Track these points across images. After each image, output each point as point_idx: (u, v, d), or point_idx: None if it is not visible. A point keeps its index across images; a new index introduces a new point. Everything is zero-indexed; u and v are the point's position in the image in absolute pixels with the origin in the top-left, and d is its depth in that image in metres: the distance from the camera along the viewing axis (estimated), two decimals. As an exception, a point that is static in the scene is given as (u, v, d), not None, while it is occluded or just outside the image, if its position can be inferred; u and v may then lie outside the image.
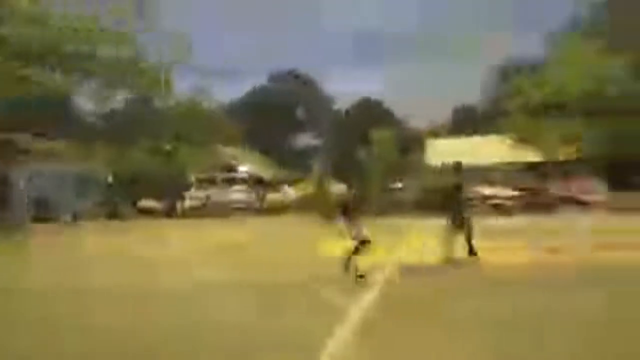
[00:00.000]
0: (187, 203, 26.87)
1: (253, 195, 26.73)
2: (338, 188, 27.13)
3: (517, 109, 27.73)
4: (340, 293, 6.58)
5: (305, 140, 52.78)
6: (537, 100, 26.47)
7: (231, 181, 28.01)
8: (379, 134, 33.73)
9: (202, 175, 28.65)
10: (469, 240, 8.97)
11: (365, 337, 4.80)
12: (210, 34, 66.17)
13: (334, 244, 12.06)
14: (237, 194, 26.86)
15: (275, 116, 48.75)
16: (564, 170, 26.24)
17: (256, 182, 28.47)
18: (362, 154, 34.42)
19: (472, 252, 8.96)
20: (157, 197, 28.03)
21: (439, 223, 9.29)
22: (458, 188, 9.29)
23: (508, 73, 33.84)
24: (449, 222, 8.94)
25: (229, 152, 36.59)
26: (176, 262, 10.18)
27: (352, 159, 35.62)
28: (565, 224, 15.44)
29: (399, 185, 27.34)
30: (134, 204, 27.56)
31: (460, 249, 8.91)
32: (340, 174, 33.16)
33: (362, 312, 5.71)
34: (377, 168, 30.18)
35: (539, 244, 10.75)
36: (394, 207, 22.83)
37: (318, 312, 5.86)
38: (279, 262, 9.87)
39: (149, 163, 29.83)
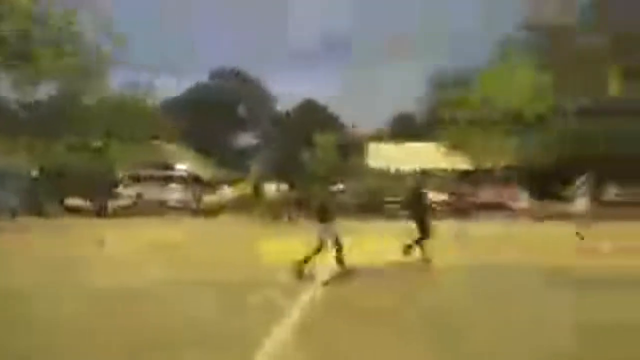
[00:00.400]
0: (118, 202, 25.61)
1: (189, 195, 25.94)
2: (278, 189, 27.11)
3: (450, 118, 29.22)
4: (279, 293, 6.53)
5: (245, 139, 52.07)
6: (468, 110, 28.04)
7: (167, 179, 27.03)
8: (321, 137, 33.94)
9: (134, 173, 27.43)
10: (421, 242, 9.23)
11: (303, 337, 4.78)
12: (164, 31, 63.85)
13: (271, 244, 11.95)
14: (172, 193, 25.95)
15: (216, 114, 47.70)
16: (492, 177, 27.73)
17: (193, 181, 27.67)
18: (305, 156, 34.50)
19: (423, 257, 9.18)
20: (86, 195, 26.48)
21: (382, 226, 9.49)
22: (420, 193, 9.59)
23: (445, 82, 35.20)
24: (415, 226, 9.21)
25: (166, 149, 35.33)
26: (108, 263, 9.64)
27: (294, 161, 35.60)
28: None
29: (340, 187, 27.63)
30: (61, 202, 25.88)
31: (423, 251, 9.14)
32: (283, 175, 33.11)
33: (301, 311, 5.69)
34: (319, 170, 30.37)
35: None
36: (335, 209, 23.01)
37: (256, 311, 5.77)
38: (212, 262, 9.60)
39: (77, 159, 28.10)
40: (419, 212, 9.35)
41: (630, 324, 5.26)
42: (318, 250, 7.82)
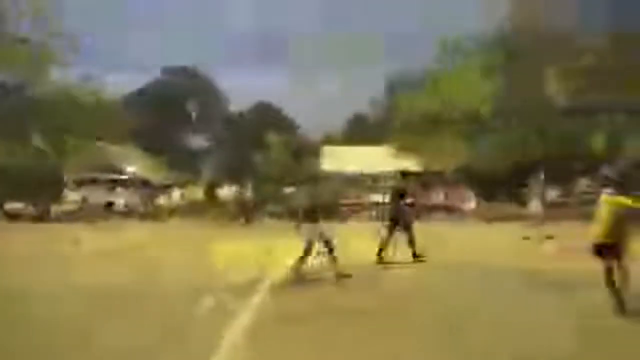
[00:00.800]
0: (63, 206, 24.38)
1: (138, 198, 25.05)
2: (230, 191, 26.64)
3: (401, 121, 29.92)
4: (231, 297, 6.41)
5: (197, 141, 50.89)
6: (419, 113, 28.76)
7: (114, 183, 26.00)
8: (274, 138, 33.72)
9: (80, 176, 26.19)
10: (412, 244, 9.40)
11: (253, 340, 4.77)
12: (110, 30, 61.04)
13: (223, 247, 11.67)
14: (119, 196, 24.98)
15: (166, 115, 46.38)
16: (443, 180, 28.49)
17: (142, 184, 26.75)
18: (257, 157, 34.16)
19: (415, 255, 9.36)
20: (27, 199, 25.02)
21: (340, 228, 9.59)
22: (402, 194, 9.68)
23: (397, 85, 35.87)
24: (390, 226, 9.34)
25: (113, 151, 33.96)
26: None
27: (247, 163, 35.16)
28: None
29: (293, 190, 27.55)
30: (0, 206, 24.39)
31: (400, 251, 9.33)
32: (235, 178, 32.62)
33: (253, 315, 5.61)
34: (272, 172, 30.13)
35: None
36: (288, 212, 22.94)
37: (208, 316, 5.64)
38: (153, 267, 9.25)
39: (17, 160, 26.44)
40: (398, 213, 9.49)
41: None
42: (307, 252, 7.72)
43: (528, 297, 6.72)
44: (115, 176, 27.44)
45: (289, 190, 26.85)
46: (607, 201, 5.89)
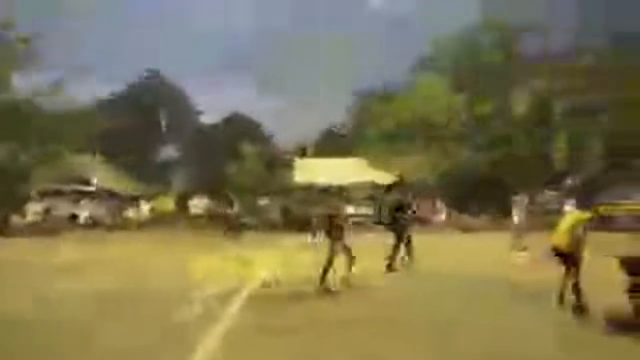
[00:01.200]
0: (25, 218, 23.36)
1: (104, 210, 24.28)
2: (202, 203, 26.15)
3: (373, 134, 30.32)
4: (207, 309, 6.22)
5: (167, 152, 49.95)
6: (390, 127, 29.23)
7: (79, 194, 25.13)
8: (248, 149, 33.45)
9: (44, 187, 25.21)
10: (409, 254, 9.84)
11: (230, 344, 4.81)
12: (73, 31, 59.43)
13: (199, 261, 11.33)
14: (85, 208, 24.15)
15: (135, 126, 45.38)
16: (414, 191, 28.77)
17: (109, 196, 25.96)
18: (231, 169, 33.77)
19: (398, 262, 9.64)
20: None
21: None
22: (399, 207, 9.99)
23: (369, 99, 36.25)
24: (395, 238, 9.67)
25: (80, 161, 32.89)
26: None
27: (219, 174, 34.68)
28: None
29: (266, 202, 27.35)
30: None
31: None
32: (207, 189, 32.08)
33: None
34: (245, 183, 29.85)
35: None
36: (262, 223, 22.71)
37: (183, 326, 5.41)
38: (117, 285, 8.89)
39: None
40: (401, 224, 9.79)
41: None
42: (330, 261, 7.67)
43: (506, 306, 6.81)
44: (81, 187, 26.52)
45: (262, 201, 26.63)
46: (568, 214, 6.54)
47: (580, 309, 6.05)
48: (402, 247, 9.86)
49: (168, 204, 25.48)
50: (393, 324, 5.95)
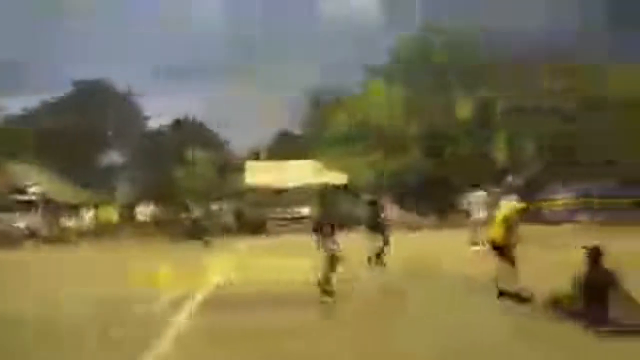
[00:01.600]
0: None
1: (40, 220, 22.78)
2: (148, 210, 25.22)
3: (327, 137, 30.51)
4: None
5: (112, 157, 47.82)
6: (343, 130, 29.50)
7: (13, 203, 23.48)
8: (198, 154, 32.68)
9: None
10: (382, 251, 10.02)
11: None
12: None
13: (144, 272, 10.80)
14: (21, 219, 22.59)
15: (77, 130, 43.15)
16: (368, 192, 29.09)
17: (46, 205, 24.37)
18: (179, 173, 32.84)
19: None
20: None
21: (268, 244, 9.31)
22: (374, 206, 10.51)
23: (321, 102, 36.31)
24: (372, 237, 9.96)
25: (16, 169, 30.84)
26: None
27: (167, 180, 33.62)
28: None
29: (219, 207, 26.89)
30: None
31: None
32: (154, 196, 30.92)
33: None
34: (196, 189, 29.17)
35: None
36: (215, 228, 22.20)
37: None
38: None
39: None
40: (379, 224, 10.14)
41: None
42: (332, 264, 7.23)
43: (463, 298, 6.93)
44: (16, 196, 24.81)
45: (214, 206, 26.12)
46: (503, 207, 6.69)
47: (521, 298, 6.14)
48: (384, 247, 10.04)
49: (112, 212, 24.29)
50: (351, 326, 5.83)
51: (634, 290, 5.09)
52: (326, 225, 7.34)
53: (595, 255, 5.23)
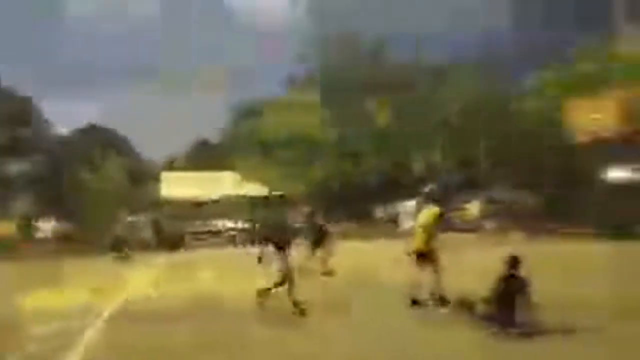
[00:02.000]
0: None
1: None
2: (50, 225, 23.28)
3: (247, 147, 30.32)
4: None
5: (10, 169, 43.30)
6: (261, 140, 29.46)
7: None
8: (108, 162, 30.78)
9: None
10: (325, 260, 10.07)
11: None
12: None
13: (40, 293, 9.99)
14: None
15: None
16: (290, 203, 29.10)
17: None
18: (89, 182, 30.67)
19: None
20: None
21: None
22: (311, 216, 10.67)
23: (241, 112, 35.84)
24: (310, 247, 10.05)
25: None
26: None
27: (75, 191, 31.19)
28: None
29: (135, 219, 25.54)
30: None
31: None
32: (59, 210, 28.46)
33: None
34: (105, 199, 27.43)
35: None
36: (133, 241, 20.97)
37: None
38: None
39: None
40: (319, 236, 10.25)
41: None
42: (281, 283, 6.73)
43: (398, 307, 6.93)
44: None
45: (131, 218, 24.77)
46: (421, 215, 6.92)
47: (442, 302, 6.43)
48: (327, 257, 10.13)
49: (8, 228, 22.07)
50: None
51: (540, 290, 5.45)
52: (275, 239, 6.82)
53: (512, 263, 5.55)
